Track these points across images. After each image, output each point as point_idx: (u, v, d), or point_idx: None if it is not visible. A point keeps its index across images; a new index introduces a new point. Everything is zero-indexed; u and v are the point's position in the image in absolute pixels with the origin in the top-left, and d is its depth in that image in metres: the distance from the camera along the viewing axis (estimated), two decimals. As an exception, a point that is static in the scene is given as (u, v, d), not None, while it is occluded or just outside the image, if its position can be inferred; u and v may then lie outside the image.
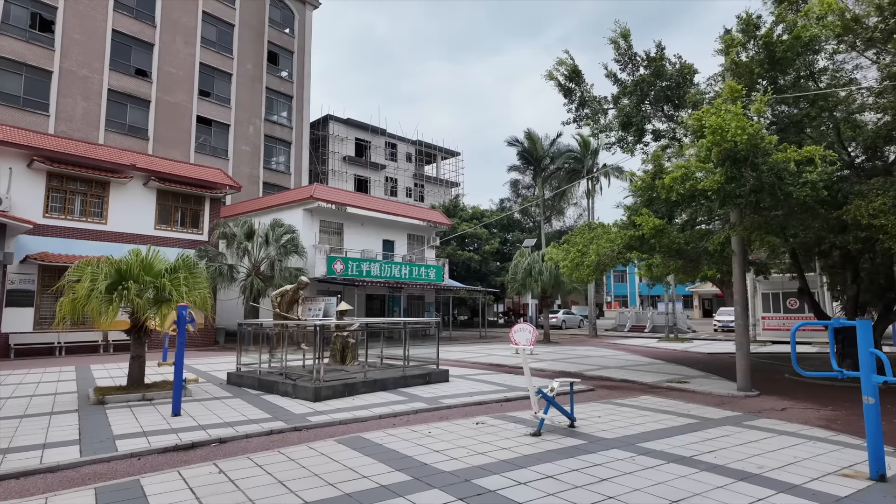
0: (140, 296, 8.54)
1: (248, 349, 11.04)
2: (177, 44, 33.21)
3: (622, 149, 14.64)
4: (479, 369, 13.83)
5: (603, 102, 12.31)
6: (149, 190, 20.93)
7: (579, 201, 45.25)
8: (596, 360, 16.15)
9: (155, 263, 9.28)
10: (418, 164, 53.46)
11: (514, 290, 24.25)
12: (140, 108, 31.30)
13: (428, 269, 29.26)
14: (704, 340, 27.16)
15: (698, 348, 22.20)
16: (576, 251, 13.31)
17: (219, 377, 11.45)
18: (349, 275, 24.67)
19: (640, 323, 38.42)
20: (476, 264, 38.67)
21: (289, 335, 10.67)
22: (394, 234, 29.33)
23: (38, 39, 27.40)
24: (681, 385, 11.01)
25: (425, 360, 11.21)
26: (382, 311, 28.76)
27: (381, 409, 8.05)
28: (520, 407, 8.64)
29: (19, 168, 17.78)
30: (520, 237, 42.08)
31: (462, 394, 9.47)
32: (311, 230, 24.99)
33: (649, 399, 9.42)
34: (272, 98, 39.22)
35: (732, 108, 7.13)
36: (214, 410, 7.91)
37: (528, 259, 24.09)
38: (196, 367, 14.11)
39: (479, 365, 15.06)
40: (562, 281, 23.85)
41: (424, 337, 21.79)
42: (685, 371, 13.58)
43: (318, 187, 25.81)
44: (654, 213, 10.99)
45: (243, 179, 36.11)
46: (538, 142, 33.51)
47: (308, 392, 8.66)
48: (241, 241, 21.35)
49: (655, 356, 18.20)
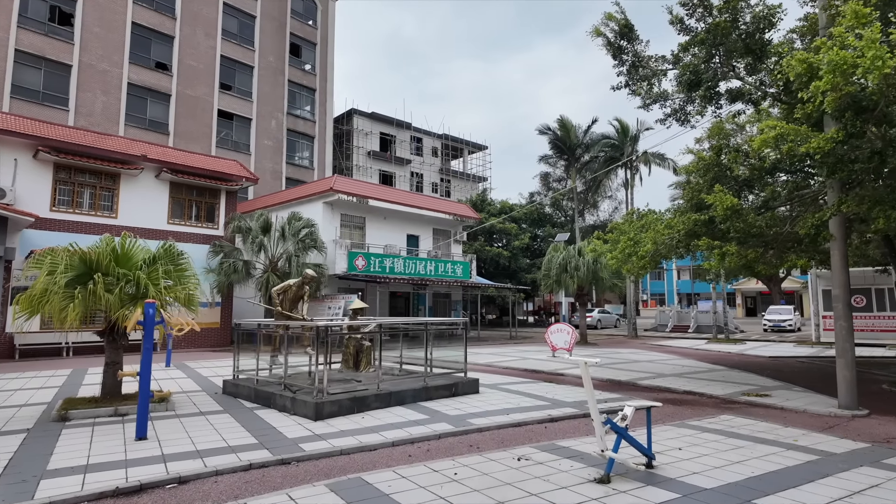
0: (111, 291, 7.15)
1: (255, 352, 9.64)
2: (197, 36, 32.46)
3: (679, 121, 12.66)
4: (512, 376, 12.09)
5: (660, 62, 10.37)
6: (161, 182, 19.92)
7: (614, 194, 42.78)
8: (647, 366, 14.19)
9: (134, 253, 7.89)
10: (444, 158, 51.87)
11: (548, 288, 22.36)
12: (160, 103, 30.64)
13: (454, 265, 27.61)
14: (758, 342, 24.65)
15: (755, 351, 19.86)
16: (626, 240, 11.43)
17: (218, 384, 10.08)
18: (371, 271, 23.24)
19: (682, 322, 35.81)
20: (505, 260, 36.82)
21: (293, 337, 9.18)
22: (418, 228, 27.79)
23: (58, 33, 26.92)
24: (762, 400, 9.03)
25: (451, 366, 9.57)
26: (406, 309, 27.27)
27: (396, 432, 6.43)
28: (570, 431, 6.89)
29: (25, 159, 16.93)
30: (551, 232, 39.98)
31: (496, 410, 7.76)
32: (331, 224, 23.67)
33: (733, 420, 7.51)
34: (294, 91, 38.22)
35: (868, 32, 5.22)
36: (192, 431, 6.44)
37: (563, 254, 22.15)
38: (199, 370, 12.82)
39: (513, 371, 13.32)
40: (600, 277, 21.84)
41: (451, 338, 20.15)
42: (756, 380, 11.53)
43: (339, 179, 24.47)
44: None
45: (266, 175, 35.22)
46: (572, 129, 31.42)
47: (308, 408, 7.11)
48: (256, 236, 20.14)
49: (712, 360, 16.09)
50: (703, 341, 24.95)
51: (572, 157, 31.99)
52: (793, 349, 20.40)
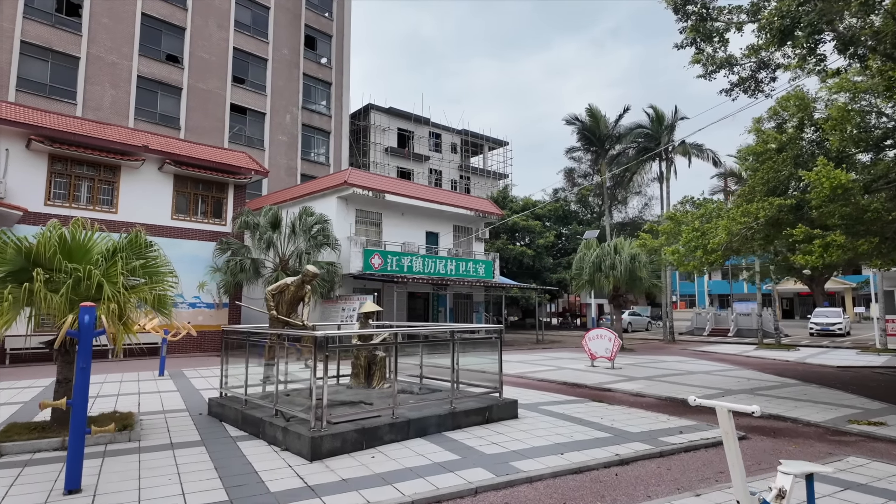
0: (57, 290, 5.64)
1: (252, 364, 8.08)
2: (209, 27, 31.37)
3: (748, 91, 10.78)
4: (551, 392, 10.32)
5: (735, 13, 8.51)
6: (164, 175, 18.64)
7: (644, 189, 40.50)
8: (704, 379, 12.26)
9: (92, 246, 6.38)
10: (464, 154, 50.20)
11: (580, 288, 20.47)
12: (171, 96, 29.59)
13: (476, 264, 25.87)
14: (812, 348, 22.35)
15: (815, 359, 17.68)
16: (689, 231, 9.59)
17: (208, 399, 8.56)
18: (388, 270, 21.66)
19: (720, 326, 33.51)
20: (529, 260, 34.94)
21: (291, 347, 7.59)
22: (438, 225, 26.13)
23: (65, 24, 26.01)
24: (880, 430, 7.10)
25: (482, 383, 7.88)
26: (425, 311, 25.63)
27: (416, 484, 4.76)
28: (651, 481, 5.11)
29: (17, 149, 15.76)
30: (577, 230, 37.96)
31: (545, 447, 6.03)
32: (345, 221, 22.16)
33: (870, 465, 5.64)
34: (310, 85, 36.95)
35: None
36: (147, 479, 4.86)
37: (597, 251, 20.24)
38: (194, 380, 11.36)
39: (550, 385, 11.54)
40: (638, 276, 19.85)
41: (477, 345, 18.42)
42: (847, 399, 9.55)
43: (353, 172, 22.95)
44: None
45: (280, 171, 34.02)
46: (601, 119, 29.39)
47: (303, 443, 5.48)
48: (264, 232, 18.71)
49: (775, 371, 14.06)
50: (751, 347, 22.74)
51: (601, 148, 29.92)
52: (858, 357, 18.15)
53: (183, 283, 19.00)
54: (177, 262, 18.85)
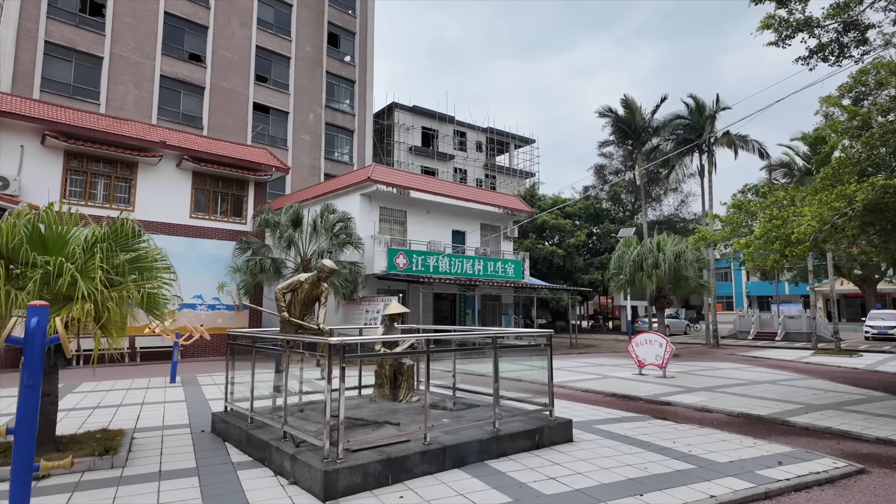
0: (23, 287, 4.71)
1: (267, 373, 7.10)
2: (232, 26, 31.01)
3: (827, 59, 9.37)
4: (602, 406, 9.05)
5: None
6: (183, 172, 18.01)
7: (680, 186, 38.58)
8: (770, 390, 10.78)
9: (73, 237, 5.47)
10: (489, 153, 48.96)
11: (619, 288, 19.04)
12: (194, 95, 29.27)
13: (505, 264, 24.64)
14: (876, 354, 20.37)
15: (885, 366, 15.84)
16: (767, 220, 8.22)
17: (216, 411, 7.60)
18: (413, 270, 20.64)
19: (765, 329, 31.40)
20: (559, 259, 33.48)
21: (304, 353, 6.55)
22: (465, 223, 25.00)
23: (89, 24, 25.87)
24: None
25: (527, 397, 6.72)
26: (452, 313, 24.50)
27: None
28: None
29: (32, 146, 15.29)
30: (610, 228, 36.30)
31: (615, 483, 4.82)
32: (369, 219, 21.24)
33: None
34: (333, 83, 36.32)
35: None
36: (118, 522, 3.86)
37: (637, 248, 18.79)
38: (206, 388, 10.47)
39: (598, 396, 10.25)
40: (683, 276, 18.32)
41: (518, 350, 17.21)
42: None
43: (377, 168, 22.01)
44: None
45: (303, 171, 33.44)
46: (637, 111, 27.82)
47: (314, 477, 4.41)
48: (285, 230, 17.90)
49: (846, 380, 12.42)
50: (807, 352, 20.87)
51: (637, 141, 28.33)
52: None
53: (202, 284, 18.38)
54: (195, 263, 18.37)
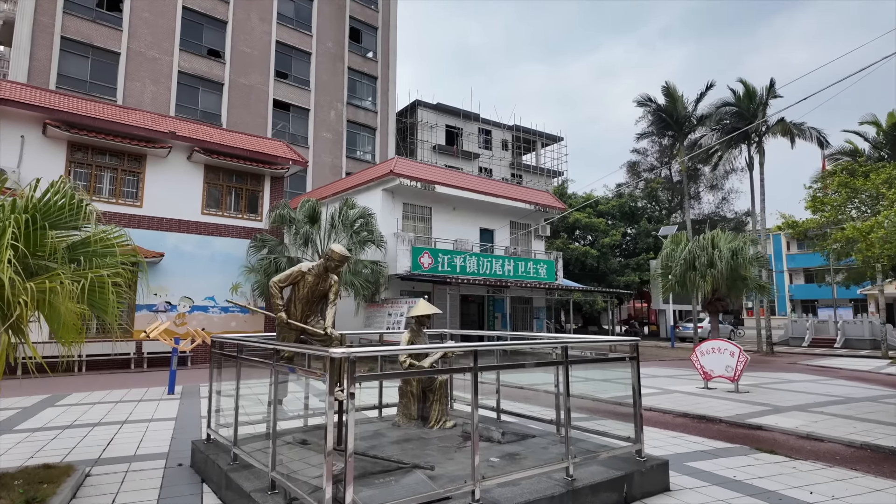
0: None
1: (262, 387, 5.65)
2: (251, 21, 30.15)
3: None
4: (680, 431, 7.31)
5: None
6: (194, 165, 16.90)
7: (721, 183, 36.20)
8: (880, 410, 8.83)
9: None
10: (515, 152, 47.23)
11: (668, 289, 17.14)
12: (213, 92, 28.44)
13: (537, 264, 22.94)
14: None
15: None
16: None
17: (203, 438, 6.20)
18: (439, 271, 19.13)
19: (821, 335, 28.83)
20: (593, 260, 31.54)
21: (304, 364, 5.05)
22: (493, 220, 23.40)
23: (106, 19, 25.25)
24: None
25: (584, 412, 5.09)
26: (480, 317, 22.89)
27: None
28: None
29: (34, 136, 14.33)
30: (647, 228, 34.16)
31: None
32: (392, 216, 19.84)
33: None
34: (355, 80, 35.20)
35: None
36: None
37: (689, 245, 16.86)
38: (204, 401, 9.12)
39: (668, 417, 8.48)
40: (741, 276, 16.31)
41: (580, 363, 15.50)
42: None
43: (400, 161, 20.60)
44: None
45: (325, 170, 32.34)
46: (679, 100, 25.79)
47: (306, 563, 2.88)
48: (301, 227, 16.60)
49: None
50: (882, 362, 18.52)
51: (679, 132, 26.27)
52: None
53: (215, 285, 17.19)
54: (208, 262, 17.06)
